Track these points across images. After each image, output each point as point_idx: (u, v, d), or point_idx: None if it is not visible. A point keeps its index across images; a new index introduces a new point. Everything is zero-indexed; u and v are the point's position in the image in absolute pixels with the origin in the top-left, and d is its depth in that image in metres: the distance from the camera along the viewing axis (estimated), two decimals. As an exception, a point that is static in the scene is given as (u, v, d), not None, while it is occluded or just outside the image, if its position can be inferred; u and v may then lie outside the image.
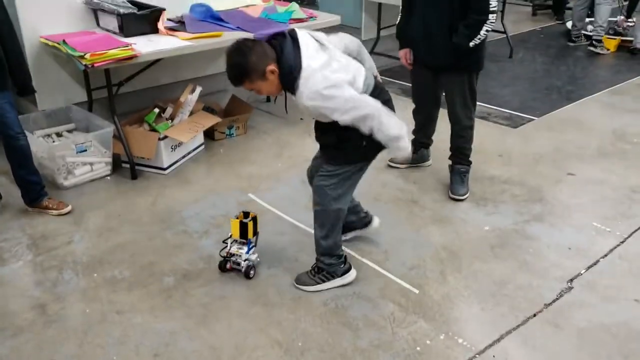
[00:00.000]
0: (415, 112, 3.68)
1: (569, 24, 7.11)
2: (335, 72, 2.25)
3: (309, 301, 2.61)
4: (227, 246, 2.75)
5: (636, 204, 3.41)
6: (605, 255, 2.95)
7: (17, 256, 2.89)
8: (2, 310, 2.53)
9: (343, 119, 2.29)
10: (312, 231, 2.87)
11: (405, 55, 3.45)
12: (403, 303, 2.61)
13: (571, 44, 6.69)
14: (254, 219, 2.75)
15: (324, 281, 2.68)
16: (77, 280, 2.73)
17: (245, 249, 2.73)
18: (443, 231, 3.13)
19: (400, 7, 3.45)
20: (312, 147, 4.09)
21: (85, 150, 3.52)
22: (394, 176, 3.73)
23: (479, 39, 3.06)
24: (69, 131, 3.79)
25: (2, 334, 2.40)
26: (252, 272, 2.74)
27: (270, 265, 2.85)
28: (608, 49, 6.40)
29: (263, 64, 2.23)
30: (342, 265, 2.71)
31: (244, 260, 2.72)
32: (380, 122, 2.33)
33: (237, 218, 2.73)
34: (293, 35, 2.28)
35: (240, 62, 2.24)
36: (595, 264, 2.89)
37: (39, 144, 3.51)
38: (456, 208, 3.38)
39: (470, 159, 3.54)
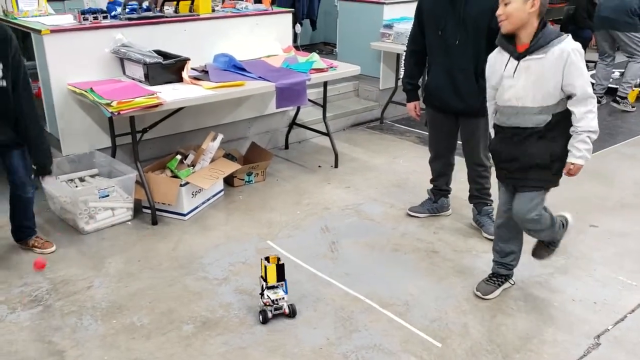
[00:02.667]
0: (433, 160, 3.70)
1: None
2: None
3: (329, 353, 2.57)
4: (263, 296, 2.76)
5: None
6: (633, 311, 2.89)
7: (37, 300, 2.89)
8: (22, 355, 2.51)
9: (581, 88, 2.47)
10: (330, 280, 2.97)
11: (414, 108, 3.57)
12: (425, 357, 2.56)
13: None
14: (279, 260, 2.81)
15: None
16: (96, 326, 2.71)
17: (282, 290, 2.78)
18: (465, 283, 3.09)
19: (405, 62, 3.58)
20: (330, 196, 4.15)
21: (108, 196, 3.56)
22: (415, 226, 3.71)
23: None
24: (92, 176, 3.84)
25: (20, 380, 2.38)
26: (296, 308, 2.79)
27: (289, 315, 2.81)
28: (633, 106, 6.26)
29: (544, 7, 2.48)
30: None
31: (285, 302, 2.77)
32: (594, 107, 2.51)
33: (271, 264, 2.76)
34: None
35: None
36: (622, 319, 2.83)
37: (62, 188, 3.56)
38: (478, 259, 3.34)
39: (491, 197, 3.57)
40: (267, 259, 2.78)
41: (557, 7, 8.71)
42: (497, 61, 2.66)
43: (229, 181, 4.20)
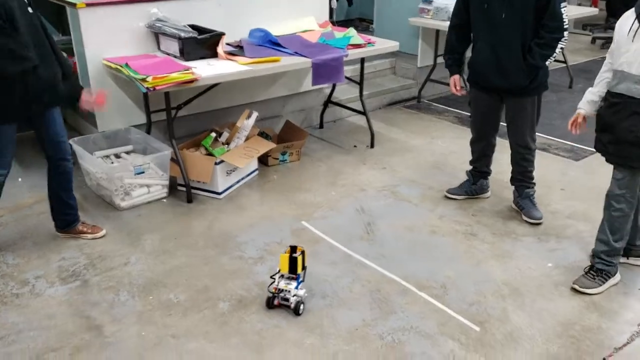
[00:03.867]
0: (475, 141, 3.59)
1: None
2: None
3: (365, 334, 2.53)
4: (274, 282, 2.69)
5: None
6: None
7: (75, 275, 2.92)
8: (61, 329, 2.54)
9: None
10: (366, 261, 2.94)
11: (456, 82, 3.45)
12: (463, 341, 2.50)
13: None
14: (303, 253, 2.69)
15: (605, 281, 2.79)
16: (133, 302, 2.72)
17: (294, 284, 2.67)
18: (504, 267, 3.01)
19: (448, 36, 3.46)
20: (366, 177, 4.08)
21: (143, 172, 3.56)
22: (453, 208, 3.63)
23: (554, 57, 3.05)
24: (128, 152, 3.85)
25: (61, 352, 2.41)
26: (301, 307, 2.66)
27: (325, 295, 2.78)
28: None
29: None
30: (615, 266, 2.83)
31: (293, 296, 2.65)
32: None
33: (286, 252, 2.67)
34: None
35: None
36: (661, 305, 2.72)
37: (98, 164, 3.58)
38: (517, 242, 3.25)
39: (534, 180, 3.48)
40: (292, 248, 2.68)
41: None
42: (625, 22, 2.55)
43: (263, 160, 4.16)
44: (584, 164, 4.27)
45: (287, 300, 2.66)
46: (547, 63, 3.07)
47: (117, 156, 3.81)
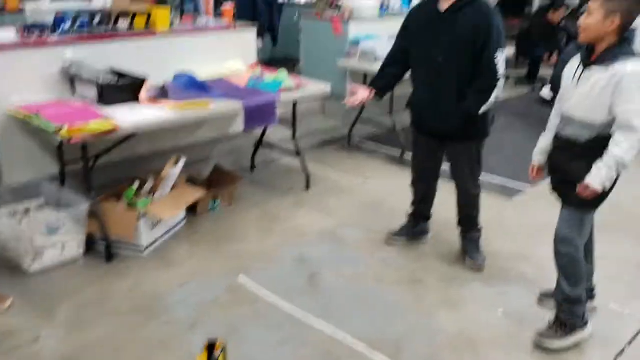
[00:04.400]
0: (415, 183, 3.49)
1: (543, 93, 7.16)
2: None
3: (316, 406, 2.29)
4: None
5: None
6: (630, 342, 2.73)
7: (-26, 358, 2.50)
8: None
9: (627, 112, 2.30)
10: (312, 318, 2.77)
11: (359, 91, 3.28)
12: (423, 405, 2.31)
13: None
14: (224, 350, 2.25)
15: (569, 335, 2.65)
16: (45, 387, 2.35)
17: None
18: (456, 316, 2.87)
19: (381, 66, 3.38)
20: (304, 221, 3.87)
21: (56, 230, 3.18)
22: (396, 252, 3.48)
23: (489, 104, 2.98)
24: (38, 207, 3.44)
25: None
26: None
27: (269, 363, 2.52)
28: None
29: (622, 17, 2.32)
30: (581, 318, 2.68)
31: None
32: (636, 142, 2.34)
33: (203, 353, 2.22)
34: None
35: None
36: (621, 352, 2.66)
37: (3, 223, 3.17)
38: (465, 288, 3.14)
39: (480, 226, 3.39)
40: (210, 346, 2.23)
41: (511, 23, 8.79)
42: (571, 68, 2.54)
43: (192, 208, 3.86)
44: (517, 202, 4.28)
45: None
46: (482, 110, 2.99)
47: (27, 212, 3.40)
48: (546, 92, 7.06)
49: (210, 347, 2.24)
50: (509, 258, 3.44)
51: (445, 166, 3.33)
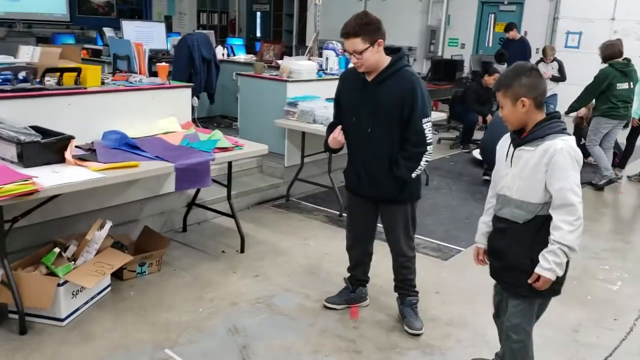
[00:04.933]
0: (351, 248, 3.44)
1: (475, 153, 7.41)
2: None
3: None
4: None
5: (582, 346, 3.26)
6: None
7: None
8: None
9: (562, 191, 2.27)
10: None
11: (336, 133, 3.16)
12: None
13: (487, 177, 6.56)
14: None
15: None
16: None
17: None
18: (394, 388, 2.78)
19: (330, 129, 3.30)
20: (237, 287, 3.72)
21: (-37, 301, 2.90)
22: (333, 319, 3.38)
23: (420, 169, 3.03)
24: (-56, 276, 3.15)
25: None
26: None
27: None
28: None
29: (541, 98, 2.37)
30: None
31: None
32: (575, 219, 2.28)
33: None
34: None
35: (532, 83, 2.35)
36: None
37: None
38: (404, 357, 3.05)
39: (416, 289, 3.36)
40: None
41: (443, 88, 9.18)
42: (502, 146, 2.53)
43: (117, 274, 3.64)
44: (453, 263, 4.30)
45: None
46: (413, 175, 3.03)
47: None
48: (477, 152, 7.30)
49: None
50: (446, 324, 3.41)
51: (380, 228, 3.31)
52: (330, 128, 3.25)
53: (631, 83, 6.37)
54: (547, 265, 2.31)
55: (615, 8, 11.24)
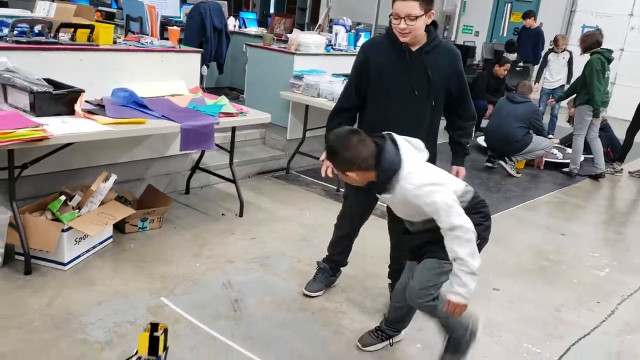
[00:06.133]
0: (346, 237, 3.34)
1: (479, 140, 7.49)
2: (435, 172, 2.40)
3: None
4: None
5: (562, 324, 3.38)
6: (540, 379, 2.85)
7: None
8: None
9: (443, 220, 2.26)
10: (232, 344, 2.77)
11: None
12: None
13: (489, 164, 6.68)
14: (165, 331, 2.41)
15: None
16: (-60, 402, 2.22)
17: None
18: (376, 353, 2.90)
19: (329, 120, 3.15)
20: (234, 247, 3.86)
21: (-27, 239, 3.05)
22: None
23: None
24: (-45, 215, 3.30)
25: None
26: None
27: (184, 386, 2.48)
28: (519, 172, 6.50)
29: (365, 163, 2.32)
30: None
31: None
32: (462, 236, 2.25)
33: (146, 331, 2.37)
34: (392, 137, 2.40)
35: (352, 155, 2.33)
36: (530, 388, 2.77)
37: None
38: (386, 321, 3.19)
39: None
40: (153, 325, 2.39)
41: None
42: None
43: (119, 227, 3.79)
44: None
45: None
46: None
47: (-58, 218, 3.25)
48: (482, 139, 7.38)
49: (154, 327, 2.36)
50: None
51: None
52: (339, 115, 3.09)
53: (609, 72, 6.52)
54: (452, 289, 2.30)
55: (635, 4, 11.19)
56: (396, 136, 2.40)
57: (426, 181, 2.29)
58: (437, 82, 2.93)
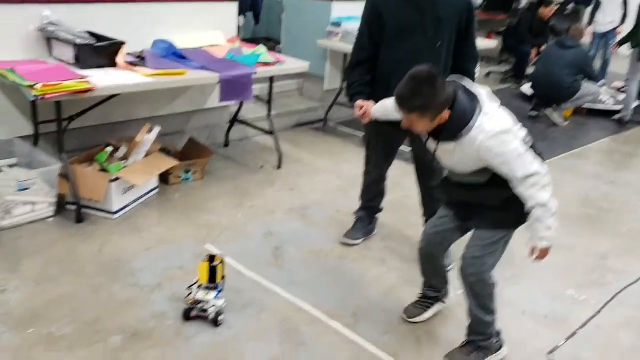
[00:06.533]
0: (375, 182, 3.36)
1: (524, 88, 7.30)
2: (507, 117, 2.20)
3: (274, 369, 2.36)
4: (191, 293, 2.56)
5: (607, 272, 3.37)
6: (583, 326, 2.86)
7: (-63, 307, 2.51)
8: None
9: (517, 169, 2.13)
10: (274, 288, 2.82)
11: (361, 106, 2.89)
12: (377, 373, 2.40)
13: (534, 113, 6.50)
14: (222, 262, 2.59)
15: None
16: (9, 336, 2.37)
17: (213, 294, 2.55)
18: (416, 293, 2.95)
19: (348, 75, 3.12)
20: (274, 199, 3.93)
21: (28, 189, 3.18)
22: (361, 232, 3.56)
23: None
24: (10, 166, 3.44)
25: None
26: (221, 318, 2.55)
27: (231, 326, 2.58)
28: (566, 120, 6.35)
29: (443, 107, 2.13)
30: (498, 340, 2.54)
31: (212, 307, 2.54)
32: (538, 181, 2.15)
33: (204, 261, 2.55)
34: (463, 83, 2.24)
35: (428, 95, 2.11)
36: (573, 335, 2.79)
37: (-27, 178, 3.16)
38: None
39: None
40: (211, 257, 2.57)
41: (498, 18, 8.88)
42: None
43: (164, 178, 3.89)
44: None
45: (205, 311, 2.54)
46: None
47: (-3, 169, 3.40)
48: (526, 87, 7.18)
49: (211, 258, 2.54)
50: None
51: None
52: (356, 69, 3.04)
53: None
54: (539, 235, 2.21)
55: None
56: (467, 81, 2.25)
57: (500, 129, 2.12)
58: (450, 19, 2.90)
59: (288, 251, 3.26)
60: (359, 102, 2.90)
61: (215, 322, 2.55)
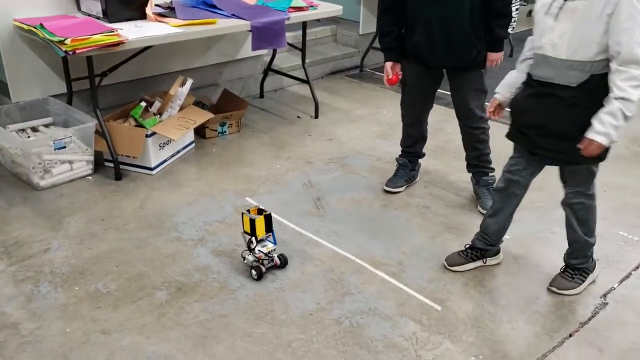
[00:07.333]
0: (412, 125, 3.27)
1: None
2: None
3: (320, 319, 2.33)
4: (253, 250, 2.54)
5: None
6: (637, 268, 2.73)
7: (-14, 266, 2.55)
8: (-32, 331, 2.19)
9: (629, 43, 1.97)
10: (317, 239, 2.78)
11: (389, 71, 2.99)
12: (425, 321, 2.34)
13: None
14: (269, 216, 2.59)
15: (584, 280, 2.57)
16: (55, 294, 2.39)
17: (270, 242, 2.57)
18: (462, 239, 2.85)
19: (378, 21, 3.03)
20: (311, 149, 3.85)
21: (65, 147, 3.18)
22: (403, 179, 3.46)
23: (512, 26, 2.87)
24: (46, 126, 3.43)
25: (-33, 359, 2.07)
26: (287, 257, 2.64)
27: (275, 278, 2.55)
28: None
29: None
30: (593, 260, 2.60)
31: (278, 255, 2.61)
32: (638, 87, 2.02)
33: (250, 212, 2.54)
34: None
35: None
36: (627, 277, 2.66)
37: (12, 139, 3.17)
38: (472, 214, 3.12)
39: (492, 165, 3.20)
40: (248, 211, 2.54)
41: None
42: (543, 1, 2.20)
43: (200, 132, 3.85)
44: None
45: (272, 260, 2.57)
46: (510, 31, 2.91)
47: (34, 129, 3.40)
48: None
49: (259, 211, 2.57)
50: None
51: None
52: (386, 15, 2.94)
53: None
54: (602, 129, 2.06)
55: None
56: None
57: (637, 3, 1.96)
58: None
59: (329, 201, 3.20)
60: (388, 67, 3.00)
61: (285, 263, 2.60)
